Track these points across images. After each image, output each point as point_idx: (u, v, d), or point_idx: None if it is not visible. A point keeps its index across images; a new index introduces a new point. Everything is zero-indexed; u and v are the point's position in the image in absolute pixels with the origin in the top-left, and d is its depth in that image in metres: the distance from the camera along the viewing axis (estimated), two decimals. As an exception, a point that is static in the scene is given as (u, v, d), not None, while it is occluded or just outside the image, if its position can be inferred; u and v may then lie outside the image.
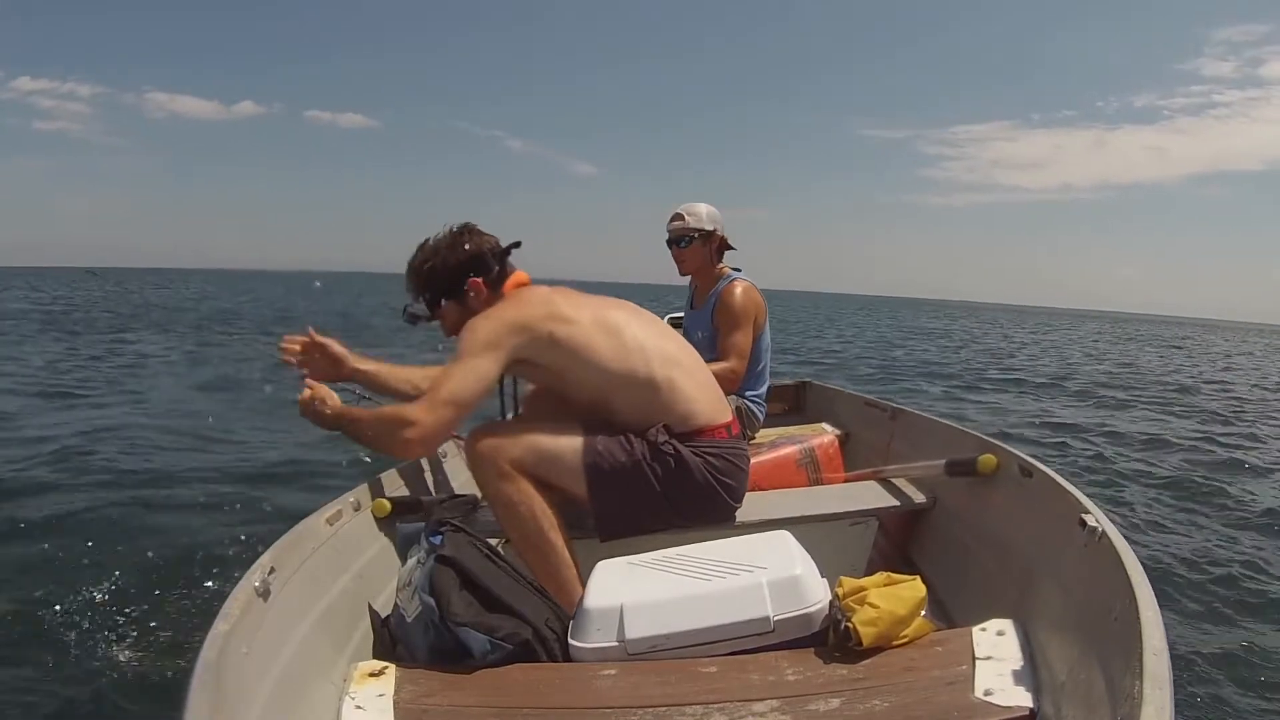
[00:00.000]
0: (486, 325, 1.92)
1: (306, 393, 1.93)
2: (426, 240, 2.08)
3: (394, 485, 2.14)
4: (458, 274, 2.02)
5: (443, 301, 2.05)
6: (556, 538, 1.83)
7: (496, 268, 2.04)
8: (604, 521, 1.89)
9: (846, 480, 2.51)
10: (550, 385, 1.99)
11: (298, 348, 2.12)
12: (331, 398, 1.94)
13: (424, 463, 2.42)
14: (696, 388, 1.97)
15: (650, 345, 1.94)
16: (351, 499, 1.89)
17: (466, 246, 2.03)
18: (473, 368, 1.87)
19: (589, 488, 1.86)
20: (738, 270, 3.03)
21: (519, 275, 2.09)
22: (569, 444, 1.87)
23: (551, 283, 2.08)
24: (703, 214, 3.00)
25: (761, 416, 3.02)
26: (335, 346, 2.12)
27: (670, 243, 3.05)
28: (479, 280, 2.02)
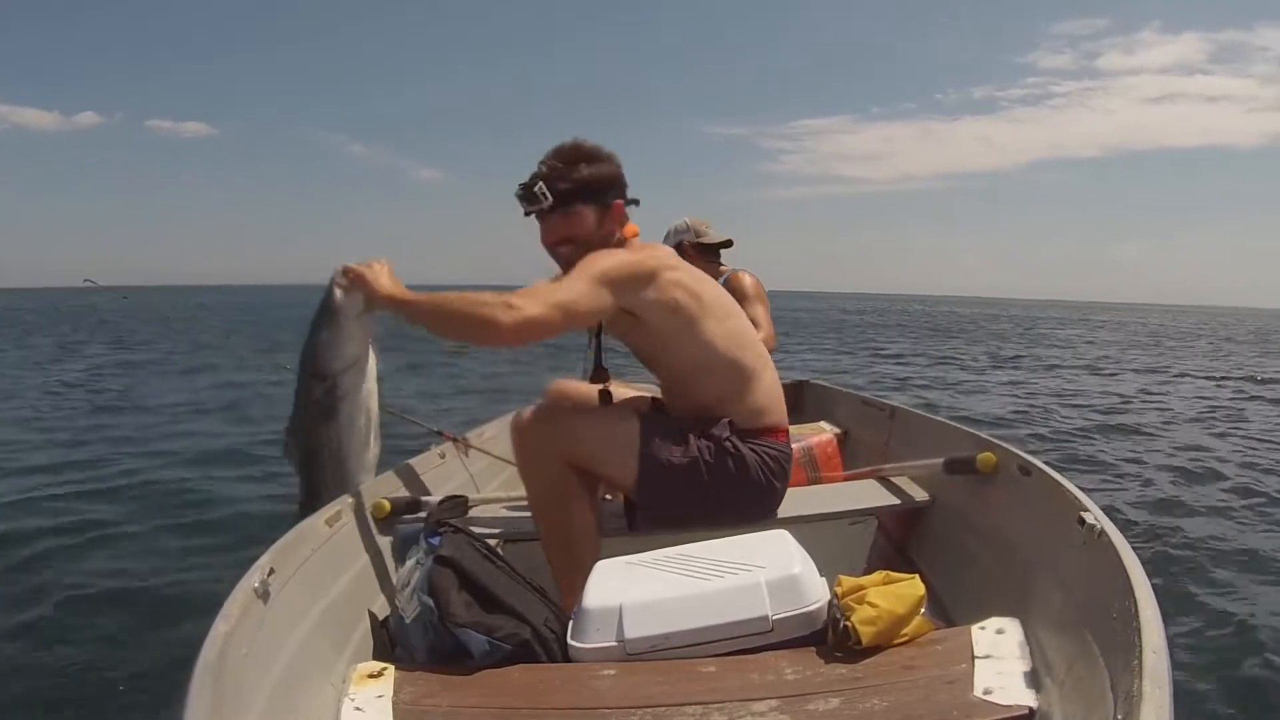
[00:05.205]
0: (617, 258, 1.83)
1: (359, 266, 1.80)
2: (585, 141, 1.95)
3: (393, 486, 2.14)
4: (610, 184, 1.93)
5: (578, 205, 1.89)
6: (585, 543, 1.80)
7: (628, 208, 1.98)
8: (644, 512, 1.88)
9: (845, 479, 2.51)
10: (643, 348, 1.94)
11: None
12: (390, 273, 1.80)
13: (423, 463, 2.42)
14: (774, 387, 2.00)
15: (750, 336, 1.98)
16: (350, 500, 1.89)
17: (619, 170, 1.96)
18: (592, 288, 1.75)
19: (639, 477, 1.82)
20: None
21: (633, 227, 2.01)
22: (625, 432, 1.83)
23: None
24: (668, 235, 3.11)
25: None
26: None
27: None
28: (622, 203, 1.95)
